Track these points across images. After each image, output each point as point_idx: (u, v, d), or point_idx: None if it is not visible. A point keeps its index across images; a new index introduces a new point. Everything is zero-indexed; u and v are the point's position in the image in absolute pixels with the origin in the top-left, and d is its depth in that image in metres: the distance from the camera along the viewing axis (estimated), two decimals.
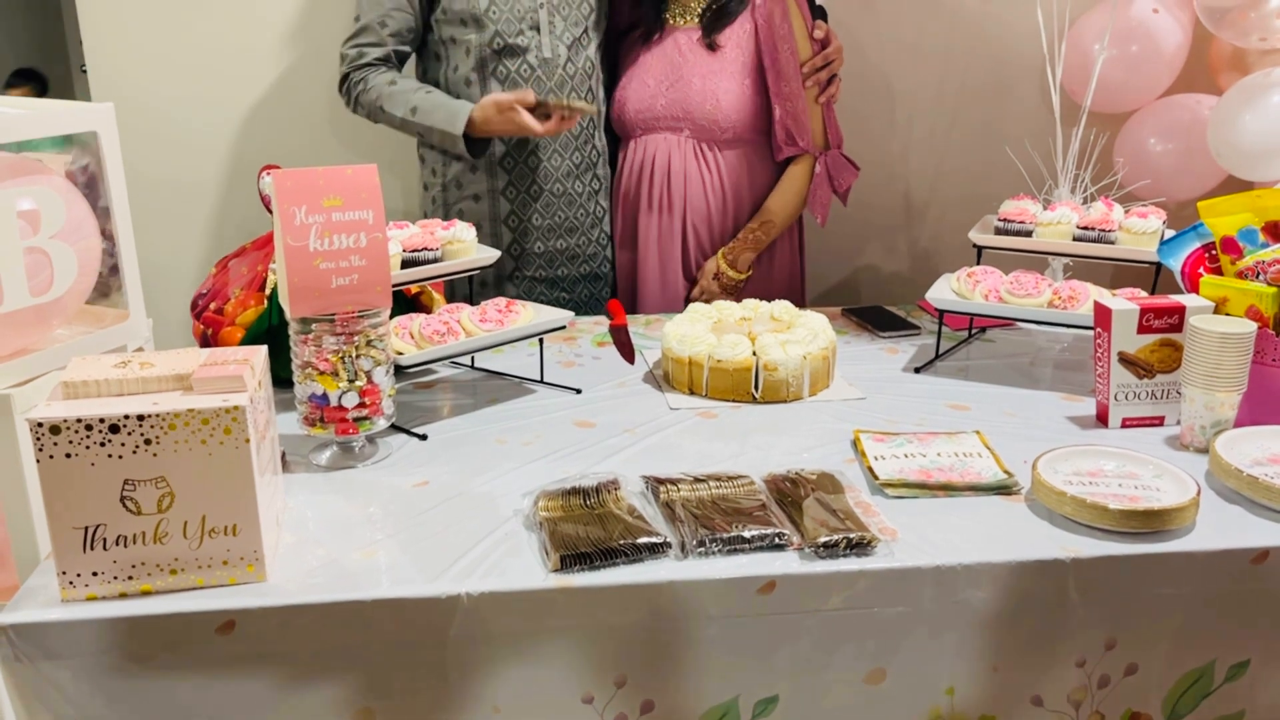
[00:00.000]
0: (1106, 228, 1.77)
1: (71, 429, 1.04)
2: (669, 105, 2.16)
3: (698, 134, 2.16)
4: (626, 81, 2.20)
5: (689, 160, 2.17)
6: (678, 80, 2.15)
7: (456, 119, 2.04)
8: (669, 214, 2.20)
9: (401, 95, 2.07)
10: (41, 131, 1.32)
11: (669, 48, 2.17)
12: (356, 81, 2.10)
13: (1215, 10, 2.17)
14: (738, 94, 2.13)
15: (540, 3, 2.08)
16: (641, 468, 1.41)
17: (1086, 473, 1.34)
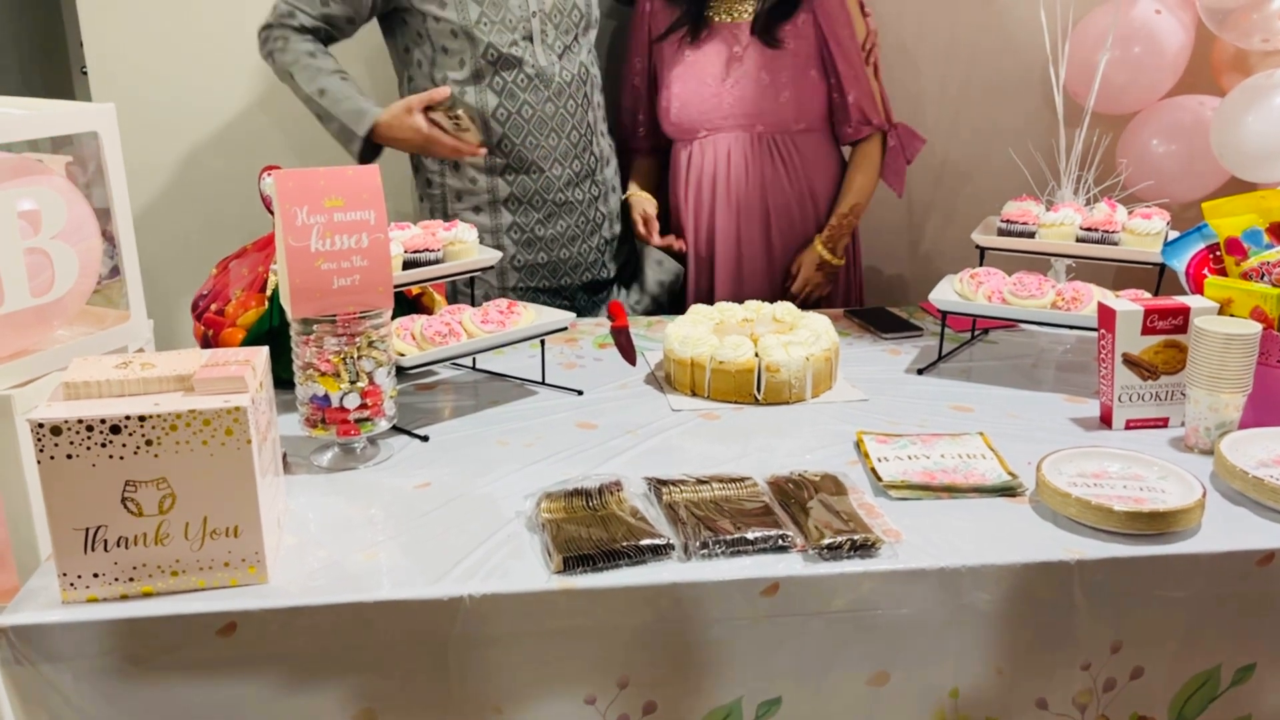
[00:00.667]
0: (1110, 229, 1.76)
1: (73, 430, 1.03)
2: (737, 103, 2.14)
3: (770, 129, 2.16)
4: (679, 84, 2.18)
5: (764, 155, 2.17)
6: (741, 77, 2.13)
7: (363, 119, 2.01)
8: (749, 211, 2.19)
9: (315, 71, 2.03)
10: (42, 132, 1.32)
11: (720, 45, 2.15)
12: (278, 37, 2.05)
13: (1217, 12, 2.16)
14: (807, 85, 2.14)
15: (533, 12, 2.06)
16: (644, 469, 1.40)
17: (1091, 474, 1.34)
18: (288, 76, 2.06)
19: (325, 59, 2.06)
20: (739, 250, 2.22)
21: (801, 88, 2.14)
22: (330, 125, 2.05)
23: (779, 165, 2.17)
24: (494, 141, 2.09)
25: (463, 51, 2.05)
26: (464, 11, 2.02)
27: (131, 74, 2.43)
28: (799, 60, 2.13)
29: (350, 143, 2.04)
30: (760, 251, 2.22)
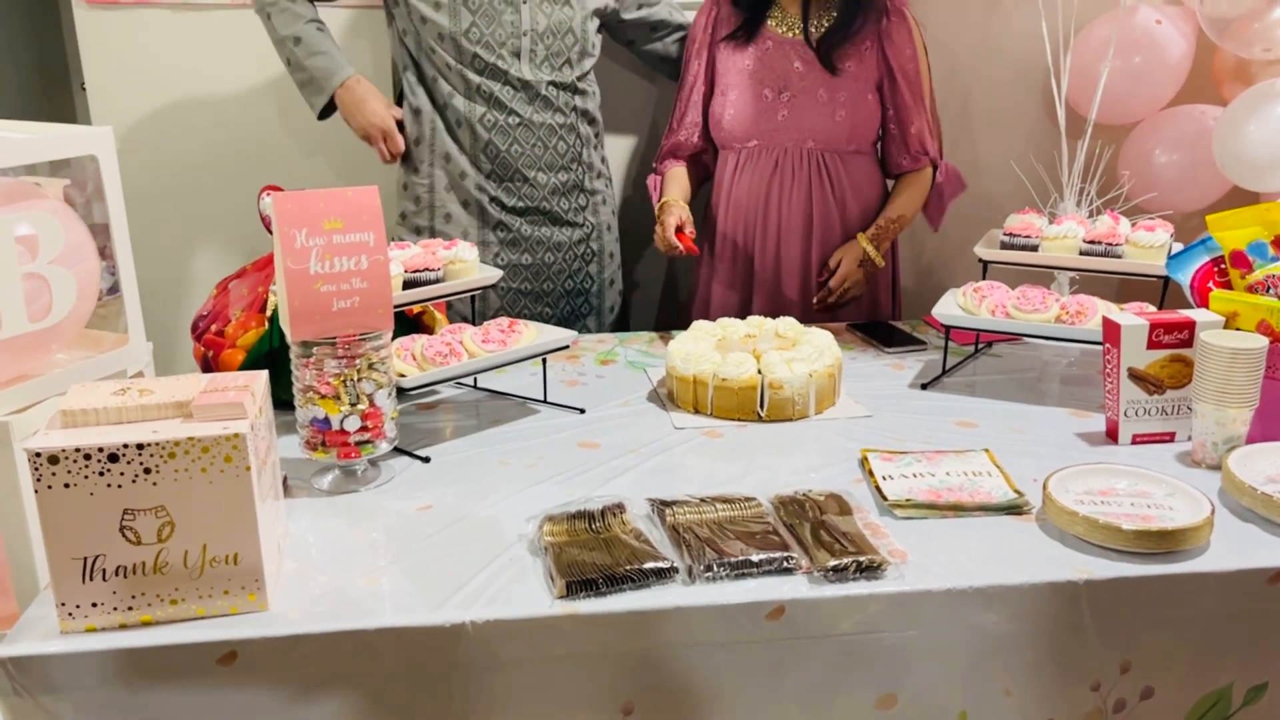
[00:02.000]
0: (1113, 241, 1.75)
1: (70, 458, 1.02)
2: (792, 116, 2.13)
3: (821, 146, 2.15)
4: (736, 91, 2.17)
5: (811, 171, 2.16)
6: (800, 92, 2.13)
7: (333, 78, 2.07)
8: (790, 224, 2.18)
9: (294, 17, 2.06)
10: (40, 156, 1.31)
11: (780, 56, 2.14)
12: None
13: (1218, 21, 2.16)
14: (864, 108, 2.14)
15: (524, 31, 2.07)
16: (647, 489, 1.40)
17: (1098, 491, 1.33)
18: (264, 16, 2.08)
19: (305, 6, 2.09)
20: (778, 263, 2.21)
21: (858, 110, 2.13)
22: (298, 74, 2.09)
23: (825, 183, 2.17)
24: (480, 146, 2.13)
25: (449, 54, 2.07)
26: (456, 19, 2.04)
27: (130, 92, 2.43)
28: (859, 83, 2.12)
29: (316, 95, 2.09)
30: (797, 267, 2.21)
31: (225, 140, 2.48)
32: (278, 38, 2.08)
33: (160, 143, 2.45)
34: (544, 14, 2.10)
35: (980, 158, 2.62)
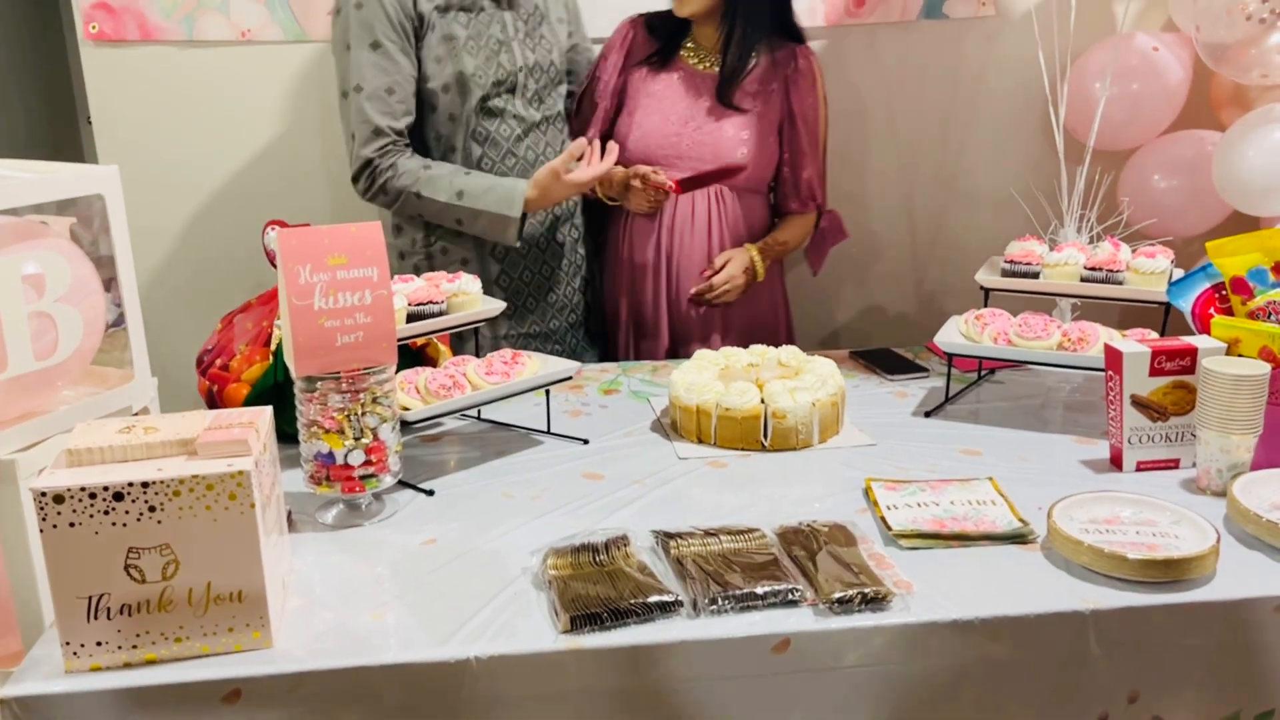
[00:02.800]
0: (1114, 268, 1.76)
1: (75, 497, 1.03)
2: (694, 146, 2.17)
3: (721, 180, 2.18)
4: (643, 114, 2.20)
5: (708, 204, 2.19)
6: (705, 123, 2.16)
7: (512, 200, 1.99)
8: (687, 252, 2.20)
9: (442, 180, 2.01)
10: (47, 196, 1.33)
11: (689, 86, 2.19)
12: (384, 168, 2.00)
13: (1215, 48, 2.17)
14: (766, 150, 2.18)
15: (520, 67, 2.09)
16: (651, 520, 1.40)
17: (1103, 520, 1.32)
18: (413, 198, 2.02)
19: (438, 165, 2.05)
20: (673, 287, 2.23)
21: (760, 150, 2.18)
22: (476, 222, 2.03)
23: (722, 217, 2.20)
24: None
25: (455, 101, 2.06)
26: (459, 63, 2.03)
27: (136, 127, 2.45)
28: (764, 123, 2.17)
29: (506, 228, 2.02)
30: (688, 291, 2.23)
31: (230, 175, 2.50)
32: (438, 207, 2.02)
33: (165, 177, 2.47)
34: (530, 50, 2.12)
35: (980, 185, 2.64)
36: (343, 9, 1.99)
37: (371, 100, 1.97)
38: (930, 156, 2.66)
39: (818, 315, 2.68)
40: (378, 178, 2.02)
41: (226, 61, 2.42)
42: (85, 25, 2.35)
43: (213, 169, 2.50)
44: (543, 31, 2.15)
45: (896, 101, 2.62)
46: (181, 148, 2.47)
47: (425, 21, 1.99)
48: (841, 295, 2.77)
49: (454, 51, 2.02)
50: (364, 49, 1.96)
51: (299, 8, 2.39)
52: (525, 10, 2.12)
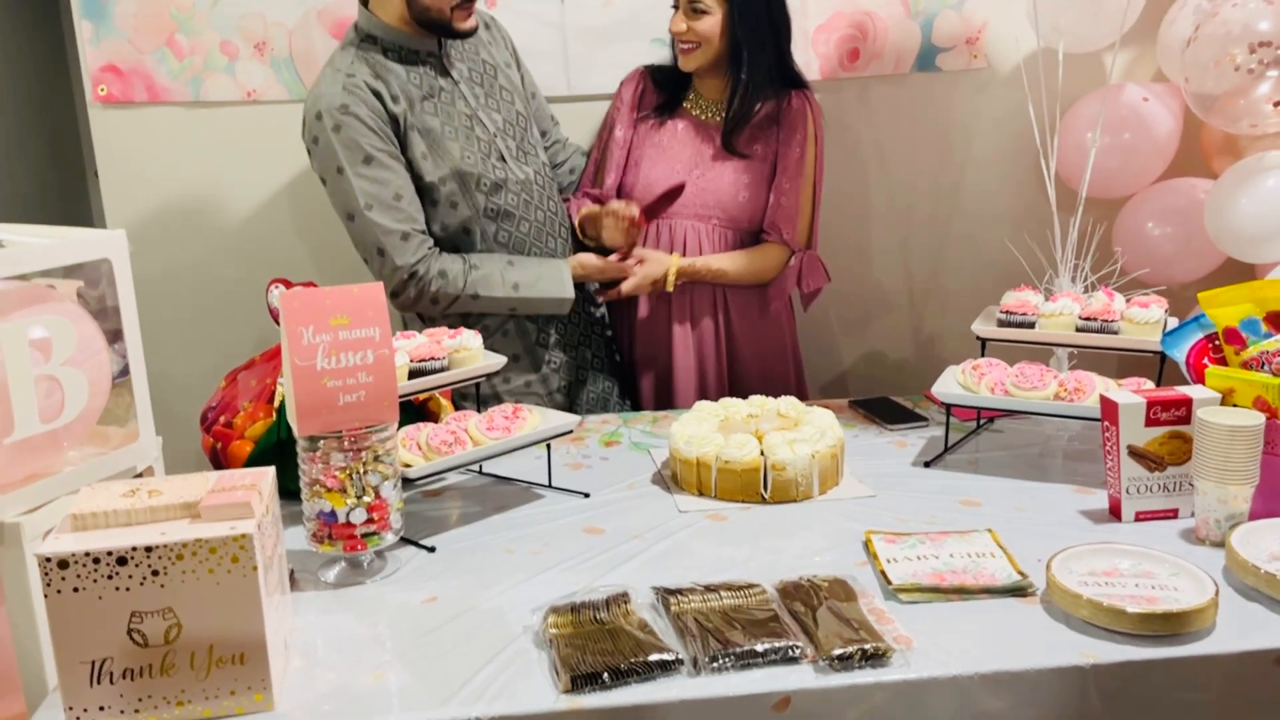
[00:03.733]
0: (1108, 318, 1.77)
1: (79, 563, 1.04)
2: (700, 193, 2.22)
3: (725, 224, 2.24)
4: (649, 165, 2.25)
5: (717, 245, 2.25)
6: (709, 171, 2.22)
7: (564, 282, 2.08)
8: (701, 291, 2.24)
9: (494, 276, 2.04)
10: (56, 262, 1.35)
11: (692, 135, 2.24)
12: (433, 275, 2.00)
13: (1204, 98, 2.20)
14: (767, 189, 2.23)
15: (494, 133, 2.11)
16: (652, 576, 1.40)
17: (1102, 572, 1.33)
18: (469, 300, 2.03)
19: (482, 259, 2.06)
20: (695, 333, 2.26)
21: (760, 192, 2.23)
22: (531, 307, 2.10)
23: None
24: None
25: (454, 191, 2.05)
26: (445, 156, 2.03)
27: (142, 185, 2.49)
28: (765, 166, 2.23)
29: (563, 306, 2.10)
30: (710, 336, 2.26)
31: (234, 232, 2.53)
32: (498, 300, 2.05)
33: (170, 234, 2.50)
34: (495, 111, 2.13)
35: (975, 235, 2.67)
36: (320, 137, 1.95)
37: (385, 212, 1.96)
38: (925, 205, 2.69)
39: (818, 362, 2.70)
40: (427, 287, 2.00)
41: (232, 120, 2.47)
42: (94, 88, 2.40)
43: (217, 225, 2.53)
44: (500, 83, 2.16)
45: (890, 152, 2.66)
46: (187, 204, 2.51)
47: (400, 121, 1.98)
48: (841, 342, 2.78)
49: (437, 143, 2.02)
50: (358, 166, 1.93)
51: (303, 68, 2.44)
52: (476, 72, 2.12)
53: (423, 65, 2.03)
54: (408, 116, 1.99)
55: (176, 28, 2.39)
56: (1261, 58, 2.11)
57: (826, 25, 2.53)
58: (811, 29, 2.53)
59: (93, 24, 2.36)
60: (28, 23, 4.13)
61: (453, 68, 2.08)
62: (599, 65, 2.47)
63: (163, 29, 2.38)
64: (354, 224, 1.98)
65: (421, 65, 2.03)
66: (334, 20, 2.41)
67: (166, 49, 2.39)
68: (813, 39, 2.54)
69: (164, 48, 2.39)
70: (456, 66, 2.09)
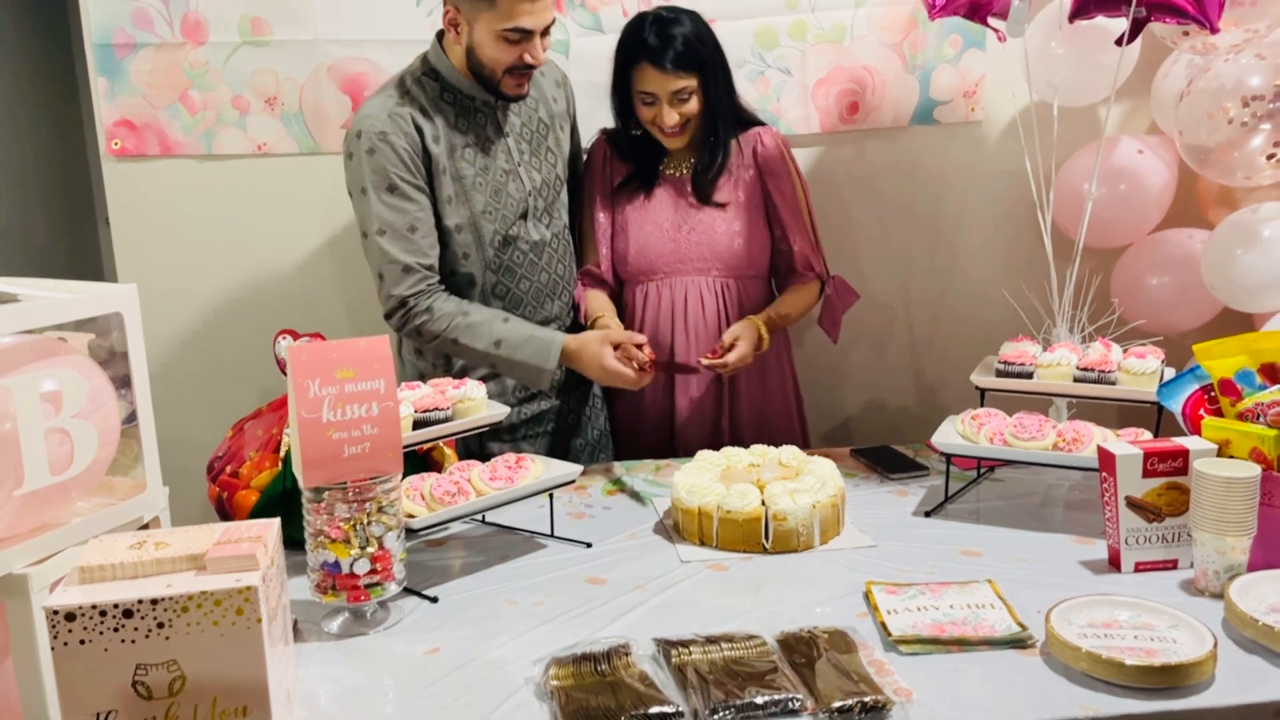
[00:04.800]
0: (1106, 369, 1.79)
1: (86, 615, 1.05)
2: (694, 247, 2.24)
3: (724, 274, 2.26)
4: (637, 229, 2.26)
5: (718, 296, 2.26)
6: (698, 225, 2.24)
7: (549, 353, 2.01)
8: (708, 343, 2.24)
9: (481, 327, 2.02)
10: (66, 316, 1.37)
11: (671, 192, 2.26)
12: (420, 310, 2.01)
13: (1198, 150, 2.24)
14: (757, 235, 2.25)
15: (528, 192, 2.13)
16: (653, 626, 1.41)
17: (1101, 624, 1.33)
18: (449, 344, 2.04)
19: (476, 309, 2.06)
20: (698, 383, 2.28)
21: (752, 237, 2.25)
22: (511, 369, 2.05)
23: (733, 306, 2.27)
24: None
25: (468, 242, 2.08)
26: (469, 204, 2.06)
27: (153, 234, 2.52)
28: (749, 212, 2.25)
29: (540, 377, 2.03)
30: (713, 380, 2.28)
31: (243, 284, 2.56)
32: (476, 353, 2.04)
33: (180, 284, 2.53)
34: (536, 170, 2.16)
35: (973, 285, 2.70)
36: (354, 154, 1.99)
37: (396, 241, 1.99)
38: (923, 256, 2.72)
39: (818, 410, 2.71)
40: (412, 318, 2.02)
41: (242, 173, 2.51)
42: (108, 142, 2.44)
43: (227, 276, 2.56)
44: (548, 144, 2.20)
45: (889, 204, 2.69)
46: (197, 255, 2.54)
47: (435, 163, 2.02)
48: (841, 391, 2.80)
49: (464, 191, 2.06)
50: (381, 192, 1.98)
51: (313, 122, 2.49)
52: (528, 129, 2.16)
53: (477, 113, 2.07)
54: (444, 160, 2.03)
55: (190, 83, 2.44)
56: (1254, 111, 2.14)
57: (826, 79, 2.58)
58: (811, 83, 2.58)
59: (108, 80, 2.41)
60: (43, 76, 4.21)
61: (506, 120, 2.12)
62: None
63: (176, 84, 2.43)
64: (366, 243, 2.03)
65: (476, 113, 2.07)
66: (344, 76, 2.46)
67: (179, 104, 2.44)
68: (812, 93, 2.58)
69: (177, 103, 2.44)
70: (510, 120, 2.13)
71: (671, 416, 2.31)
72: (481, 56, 1.98)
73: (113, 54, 2.41)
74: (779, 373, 2.35)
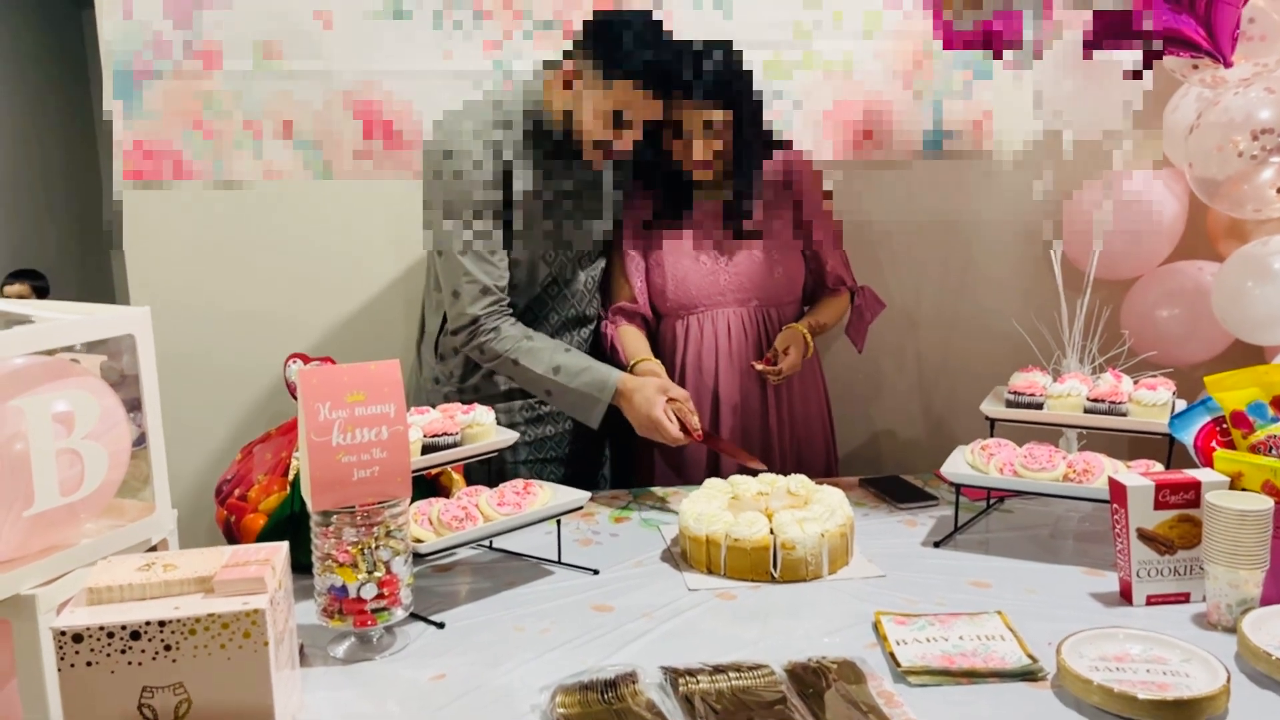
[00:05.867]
0: (1116, 400, 1.79)
1: (93, 636, 1.05)
2: (734, 278, 2.23)
3: (765, 303, 2.25)
4: (674, 264, 2.23)
5: (760, 325, 2.25)
6: (737, 257, 2.23)
7: (605, 385, 2.03)
8: (751, 373, 2.23)
9: (542, 353, 2.05)
10: (79, 338, 1.38)
11: (709, 225, 2.23)
12: (489, 329, 2.04)
13: (1208, 183, 2.24)
14: (795, 259, 2.25)
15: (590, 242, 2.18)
16: (661, 655, 1.40)
17: (1113, 657, 1.32)
18: (510, 364, 2.06)
19: (540, 338, 2.09)
20: (743, 408, 2.26)
21: (791, 263, 2.25)
22: (565, 397, 2.06)
23: (773, 332, 2.26)
24: None
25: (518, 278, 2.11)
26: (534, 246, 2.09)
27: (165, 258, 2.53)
28: (786, 238, 2.25)
29: (592, 408, 2.04)
30: (758, 407, 2.27)
31: (254, 307, 2.57)
32: (532, 376, 2.05)
33: (192, 307, 2.54)
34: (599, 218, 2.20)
35: (984, 315, 2.69)
36: (441, 173, 2.02)
37: (478, 262, 2.02)
38: (933, 285, 2.72)
39: None
40: (478, 336, 2.05)
41: (255, 198, 2.52)
42: (123, 165, 2.46)
43: (238, 300, 2.57)
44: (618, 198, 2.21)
45: (899, 233, 2.70)
46: (209, 279, 2.55)
47: (514, 195, 2.04)
48: (851, 419, 2.79)
49: (533, 232, 2.08)
50: (466, 214, 2.01)
51: (328, 148, 2.51)
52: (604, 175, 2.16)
53: (562, 156, 2.08)
54: (522, 196, 2.05)
55: (204, 109, 2.46)
56: (1264, 144, 2.14)
57: (836, 110, 2.59)
58: (821, 114, 2.59)
59: (124, 105, 2.43)
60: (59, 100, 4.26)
61: (586, 167, 2.14)
62: None
63: (191, 110, 2.46)
64: (442, 259, 2.06)
65: (561, 156, 2.08)
66: (357, 103, 2.48)
67: (194, 129, 2.47)
68: (822, 124, 2.60)
69: (191, 128, 2.46)
70: (589, 168, 2.14)
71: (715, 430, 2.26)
72: (580, 119, 2.00)
73: (129, 79, 2.43)
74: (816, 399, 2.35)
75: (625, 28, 1.96)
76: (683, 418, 2.02)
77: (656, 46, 1.97)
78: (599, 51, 1.95)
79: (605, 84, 1.95)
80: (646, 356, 2.19)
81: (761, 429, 2.27)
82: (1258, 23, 2.12)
